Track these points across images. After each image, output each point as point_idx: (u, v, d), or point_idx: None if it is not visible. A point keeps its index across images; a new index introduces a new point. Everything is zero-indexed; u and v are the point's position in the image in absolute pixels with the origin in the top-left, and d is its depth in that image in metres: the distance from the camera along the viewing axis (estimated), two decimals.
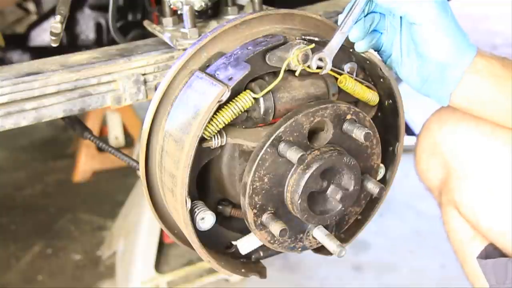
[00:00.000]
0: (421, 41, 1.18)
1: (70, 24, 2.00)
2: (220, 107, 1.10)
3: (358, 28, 1.17)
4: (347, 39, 1.17)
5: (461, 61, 1.20)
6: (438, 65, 1.20)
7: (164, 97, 1.18)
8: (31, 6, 2.56)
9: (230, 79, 1.09)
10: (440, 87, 1.23)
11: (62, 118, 1.41)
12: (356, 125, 1.17)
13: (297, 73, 1.14)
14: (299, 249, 1.25)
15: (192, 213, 1.15)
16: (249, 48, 1.15)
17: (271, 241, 1.20)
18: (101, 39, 2.04)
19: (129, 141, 3.79)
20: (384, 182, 1.35)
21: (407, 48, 1.23)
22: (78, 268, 3.08)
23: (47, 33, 1.67)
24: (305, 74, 1.18)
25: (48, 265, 3.09)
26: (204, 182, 1.24)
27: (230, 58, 1.15)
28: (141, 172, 1.24)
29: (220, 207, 1.28)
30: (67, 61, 1.35)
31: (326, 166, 1.14)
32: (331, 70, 1.17)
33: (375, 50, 1.27)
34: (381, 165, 1.31)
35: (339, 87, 1.24)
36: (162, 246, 3.02)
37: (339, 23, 1.17)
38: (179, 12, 1.43)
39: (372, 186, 1.23)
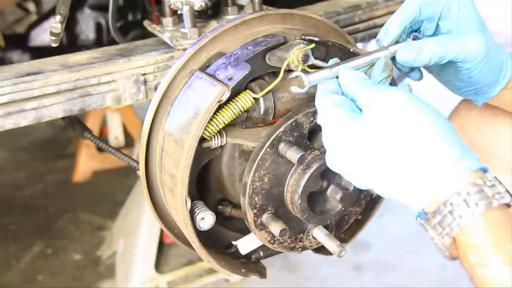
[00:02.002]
0: (465, 74, 1.19)
1: (70, 24, 2.00)
2: (220, 107, 1.10)
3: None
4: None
5: (499, 83, 1.23)
6: (477, 88, 1.23)
7: (164, 97, 1.18)
8: (31, 6, 2.57)
9: (230, 79, 1.09)
10: (472, 100, 1.29)
11: (62, 118, 1.41)
12: None
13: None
14: (299, 249, 1.25)
15: (192, 213, 1.15)
16: (249, 48, 1.15)
17: (271, 241, 1.20)
18: (101, 39, 2.04)
19: (129, 141, 3.79)
20: None
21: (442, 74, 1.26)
22: (78, 268, 3.08)
23: (47, 33, 1.67)
24: None
25: (48, 265, 3.09)
26: (204, 182, 1.24)
27: (230, 58, 1.15)
28: (141, 172, 1.24)
29: (220, 207, 1.28)
30: (67, 61, 1.35)
31: (326, 166, 1.14)
32: None
33: None
34: None
35: None
36: (162, 246, 3.02)
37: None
38: (179, 12, 1.43)
39: None
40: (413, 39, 1.17)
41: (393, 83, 1.23)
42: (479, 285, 0.87)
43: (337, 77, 1.10)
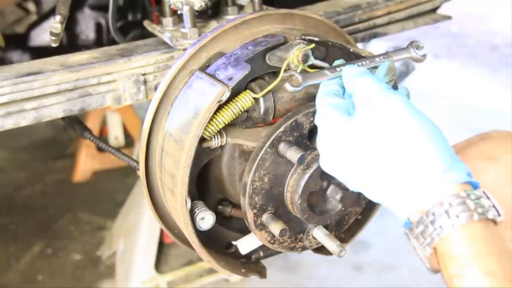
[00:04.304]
0: None
1: (70, 24, 2.00)
2: (220, 107, 1.10)
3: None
4: None
5: None
6: None
7: (164, 97, 1.18)
8: (31, 6, 2.57)
9: (230, 79, 1.09)
10: None
11: (62, 118, 1.41)
12: None
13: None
14: (299, 249, 1.25)
15: (192, 213, 1.15)
16: (249, 48, 1.15)
17: (271, 241, 1.20)
18: (101, 39, 2.04)
19: (129, 141, 3.80)
20: None
21: None
22: (78, 268, 3.08)
23: (47, 33, 1.67)
24: None
25: (48, 265, 3.09)
26: (204, 182, 1.24)
27: (230, 58, 1.15)
28: (141, 172, 1.24)
29: (220, 207, 1.28)
30: (67, 61, 1.35)
31: None
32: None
33: None
34: None
35: None
36: (162, 246, 3.02)
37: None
38: (179, 12, 1.43)
39: None
40: (416, 48, 1.17)
41: (393, 85, 1.23)
42: None
43: (340, 78, 1.09)
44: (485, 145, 1.10)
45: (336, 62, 1.13)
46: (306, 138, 1.14)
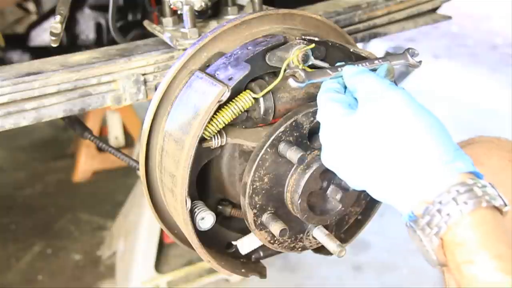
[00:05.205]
0: None
1: (70, 24, 2.00)
2: (220, 107, 1.10)
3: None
4: None
5: None
6: None
7: (164, 97, 1.18)
8: (31, 6, 2.57)
9: (230, 79, 1.09)
10: None
11: (62, 118, 1.41)
12: None
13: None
14: (299, 249, 1.25)
15: (192, 213, 1.15)
16: (249, 48, 1.15)
17: (271, 241, 1.20)
18: (101, 39, 2.04)
19: (129, 141, 3.80)
20: None
21: None
22: (78, 268, 3.08)
23: (47, 33, 1.67)
24: None
25: (48, 265, 3.09)
26: (204, 182, 1.24)
27: (230, 58, 1.15)
28: (141, 172, 1.24)
29: (220, 207, 1.28)
30: (67, 61, 1.35)
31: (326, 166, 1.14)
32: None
33: None
34: None
35: None
36: (162, 246, 3.02)
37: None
38: (179, 12, 1.43)
39: None
40: (411, 56, 1.17)
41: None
42: (466, 283, 0.85)
43: (341, 77, 1.10)
44: (471, 150, 1.10)
45: (339, 64, 1.14)
46: (306, 138, 1.14)
